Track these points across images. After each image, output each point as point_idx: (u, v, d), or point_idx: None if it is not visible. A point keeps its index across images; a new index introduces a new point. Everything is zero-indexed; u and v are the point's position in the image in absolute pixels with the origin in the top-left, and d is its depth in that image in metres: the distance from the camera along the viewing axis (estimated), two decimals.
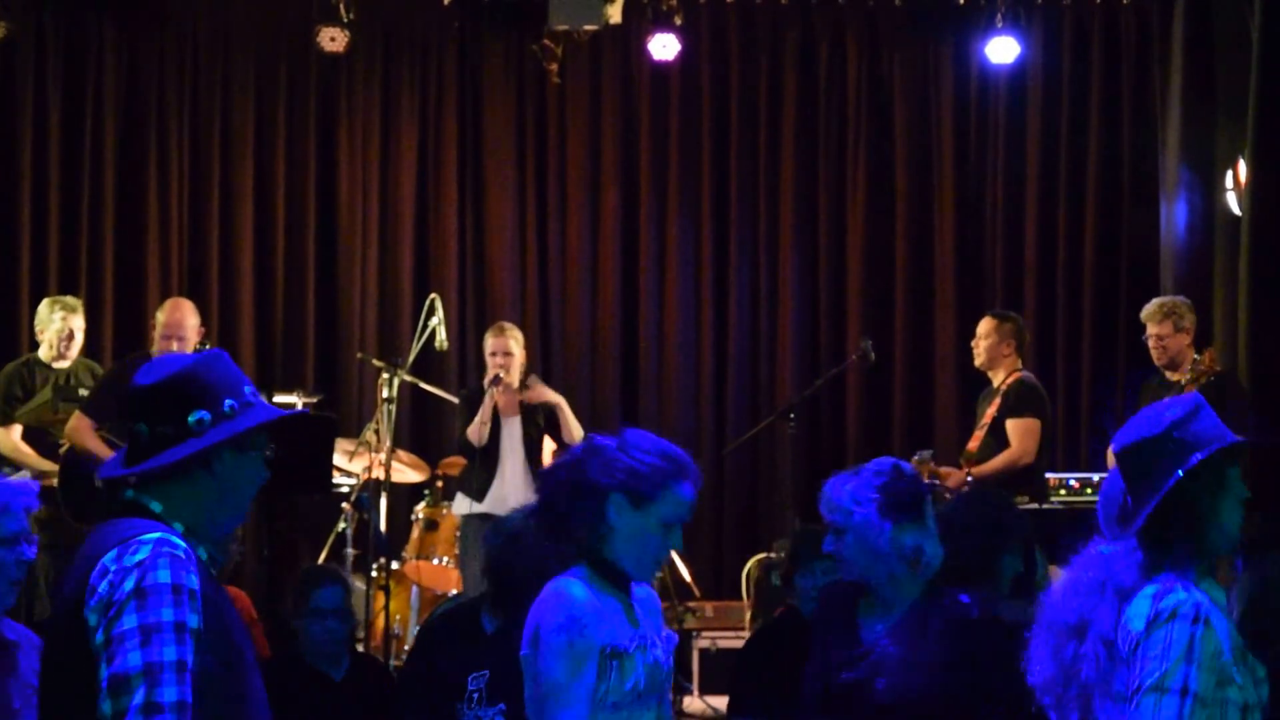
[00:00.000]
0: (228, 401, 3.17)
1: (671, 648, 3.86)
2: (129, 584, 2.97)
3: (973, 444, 8.51)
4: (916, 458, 8.60)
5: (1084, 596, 3.48)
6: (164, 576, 2.98)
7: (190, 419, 3.13)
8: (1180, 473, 3.39)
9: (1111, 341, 10.60)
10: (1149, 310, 8.36)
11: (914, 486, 4.32)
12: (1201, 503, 3.42)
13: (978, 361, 8.75)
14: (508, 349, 8.89)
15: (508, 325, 9.15)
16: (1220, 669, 3.32)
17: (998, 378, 8.61)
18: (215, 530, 3.22)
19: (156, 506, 3.13)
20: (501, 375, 8.80)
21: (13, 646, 4.20)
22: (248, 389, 3.21)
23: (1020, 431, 8.38)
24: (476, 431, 8.76)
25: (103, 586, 2.99)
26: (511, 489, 8.74)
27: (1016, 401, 8.44)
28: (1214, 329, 9.16)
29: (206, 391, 3.16)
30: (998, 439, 8.40)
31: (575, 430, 8.86)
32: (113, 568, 2.99)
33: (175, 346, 8.27)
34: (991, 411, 8.47)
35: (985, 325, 8.74)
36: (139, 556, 2.99)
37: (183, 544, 3.06)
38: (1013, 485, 8.07)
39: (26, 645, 4.20)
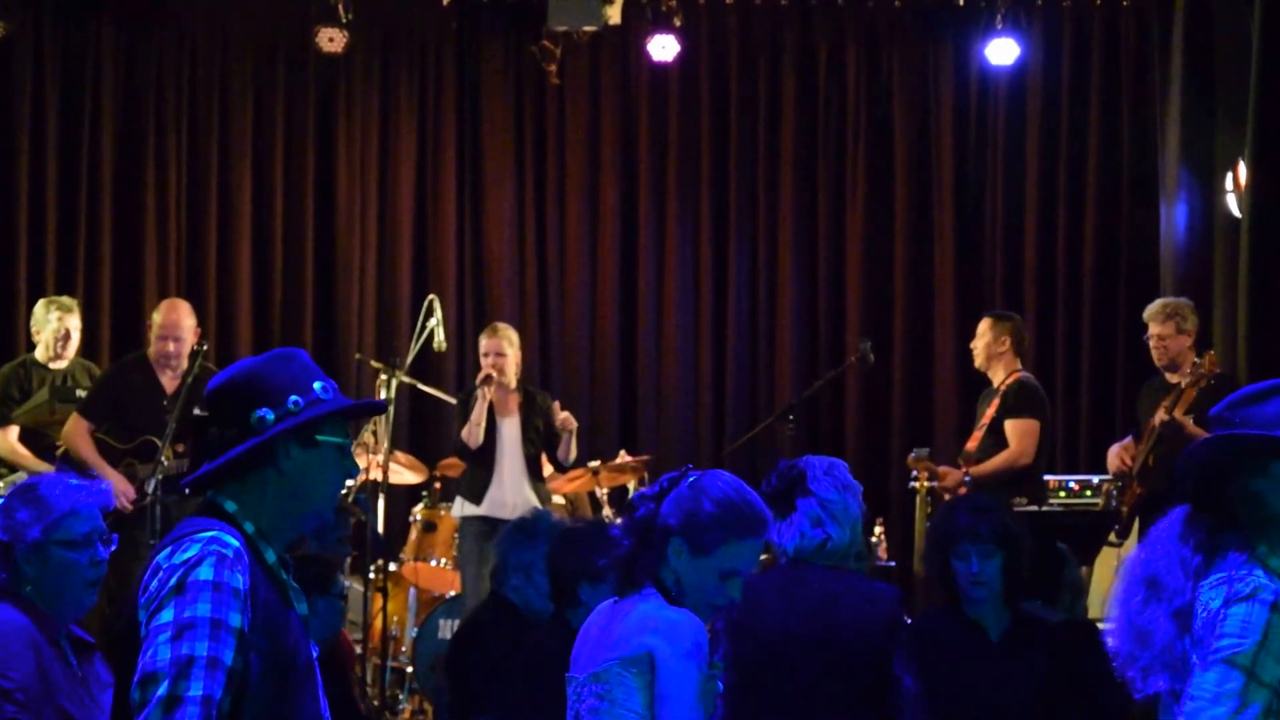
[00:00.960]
0: (292, 398, 3.15)
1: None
2: (173, 580, 2.96)
3: (971, 444, 8.51)
4: (913, 455, 8.61)
5: (1160, 558, 3.46)
6: (206, 574, 2.96)
7: (252, 417, 3.12)
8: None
9: (1111, 343, 10.59)
10: (1152, 310, 8.36)
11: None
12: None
13: (977, 362, 8.74)
14: (500, 349, 8.85)
15: (501, 326, 9.12)
16: None
17: (997, 378, 8.61)
18: (293, 528, 3.20)
19: (231, 507, 3.12)
20: (493, 375, 8.77)
21: (91, 649, 4.23)
22: (319, 385, 3.19)
23: (1019, 432, 8.37)
24: (471, 433, 8.72)
25: (153, 585, 3.00)
26: (509, 490, 8.72)
27: (1016, 402, 8.43)
28: (1213, 331, 9.14)
29: (271, 389, 3.15)
30: (996, 439, 8.39)
31: (572, 453, 8.90)
32: (164, 565, 3.00)
33: (172, 347, 8.28)
34: (991, 412, 8.47)
35: (983, 326, 8.74)
36: (187, 554, 2.98)
37: (235, 543, 3.03)
38: (1010, 486, 8.07)
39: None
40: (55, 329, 8.70)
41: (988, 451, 8.37)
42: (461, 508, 8.83)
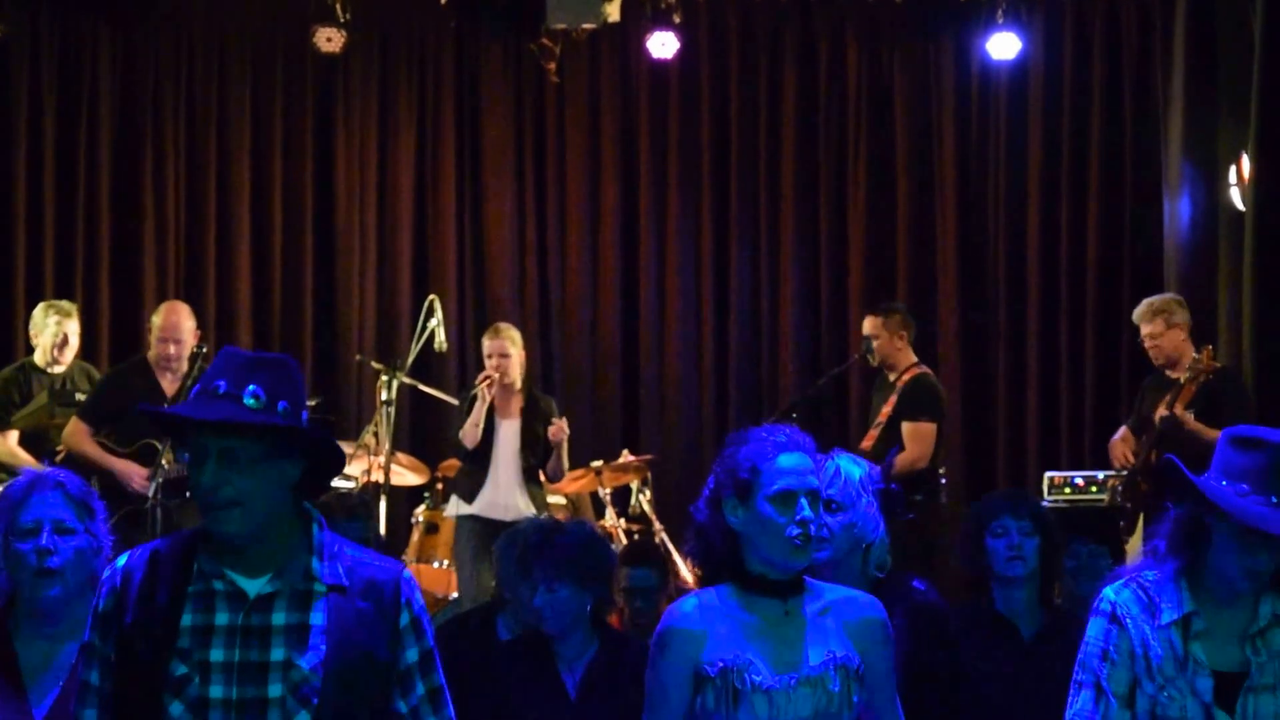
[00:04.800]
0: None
1: (832, 668, 3.52)
2: None
3: (867, 442, 8.56)
4: None
5: None
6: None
7: None
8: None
9: (1115, 339, 10.53)
10: (1139, 311, 8.35)
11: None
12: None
13: (875, 362, 8.79)
14: (504, 350, 8.81)
15: (504, 326, 9.08)
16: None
17: (894, 374, 8.65)
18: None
19: None
20: (494, 376, 8.73)
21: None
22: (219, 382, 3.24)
23: (916, 436, 8.47)
24: (468, 433, 8.68)
25: None
26: (503, 491, 8.69)
27: (913, 403, 8.51)
28: (1218, 325, 9.11)
29: None
30: (893, 437, 8.39)
31: (564, 468, 8.86)
32: None
33: (172, 350, 8.24)
34: (887, 410, 8.54)
35: (871, 324, 8.87)
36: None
37: (124, 560, 3.27)
38: (909, 485, 8.04)
39: None
40: (53, 334, 8.67)
41: (885, 450, 8.35)
42: (456, 507, 8.79)
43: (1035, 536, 4.90)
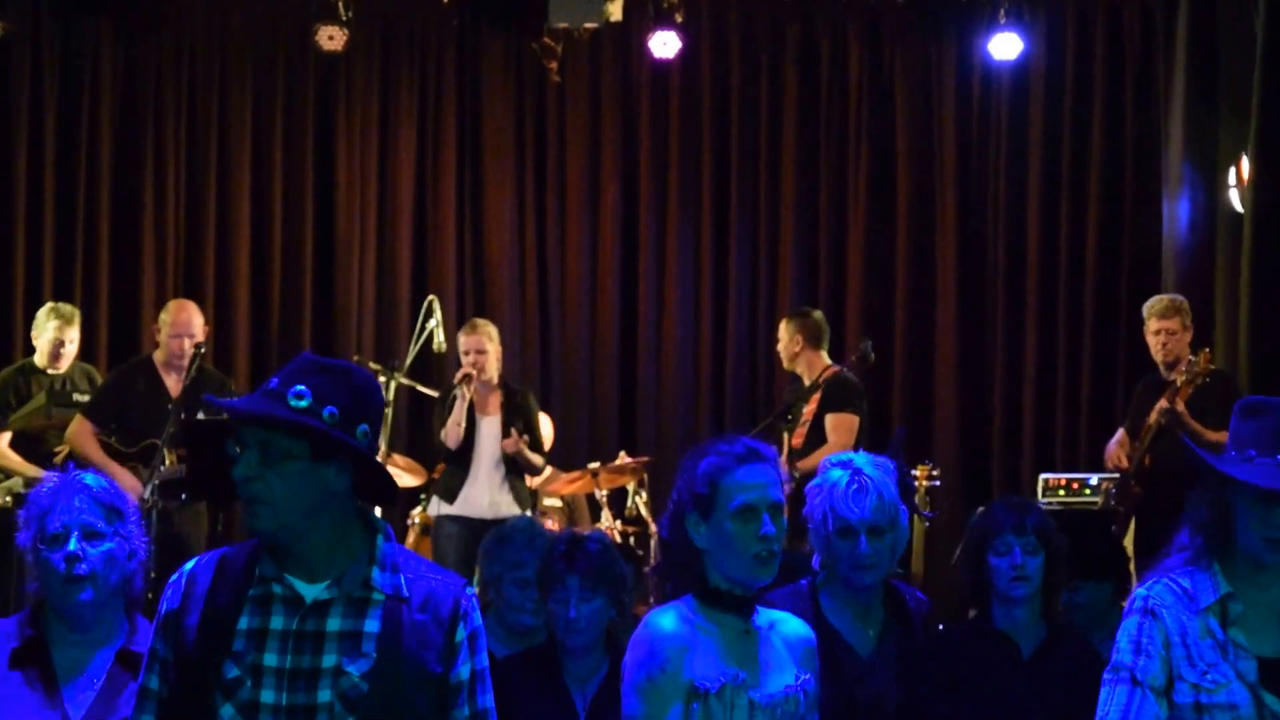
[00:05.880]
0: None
1: (802, 692, 3.53)
2: None
3: (796, 440, 8.53)
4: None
5: None
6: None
7: None
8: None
9: (1113, 340, 10.51)
10: (1160, 305, 8.31)
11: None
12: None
13: (787, 367, 8.85)
14: (481, 346, 8.80)
15: (480, 322, 9.06)
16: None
17: (809, 375, 8.69)
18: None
19: None
20: (473, 374, 8.71)
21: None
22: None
23: (839, 426, 8.48)
24: (451, 433, 8.67)
25: None
26: (484, 490, 8.67)
27: (836, 397, 8.55)
28: (1216, 326, 9.10)
29: None
30: (820, 435, 8.42)
31: (536, 465, 8.84)
32: None
33: (187, 345, 8.19)
34: (812, 408, 8.56)
35: (785, 329, 8.91)
36: None
37: (191, 564, 3.25)
38: None
39: None
40: (51, 339, 8.68)
41: (813, 448, 8.36)
42: (437, 507, 8.78)
43: (1039, 554, 4.66)
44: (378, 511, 3.88)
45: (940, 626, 5.05)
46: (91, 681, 3.79)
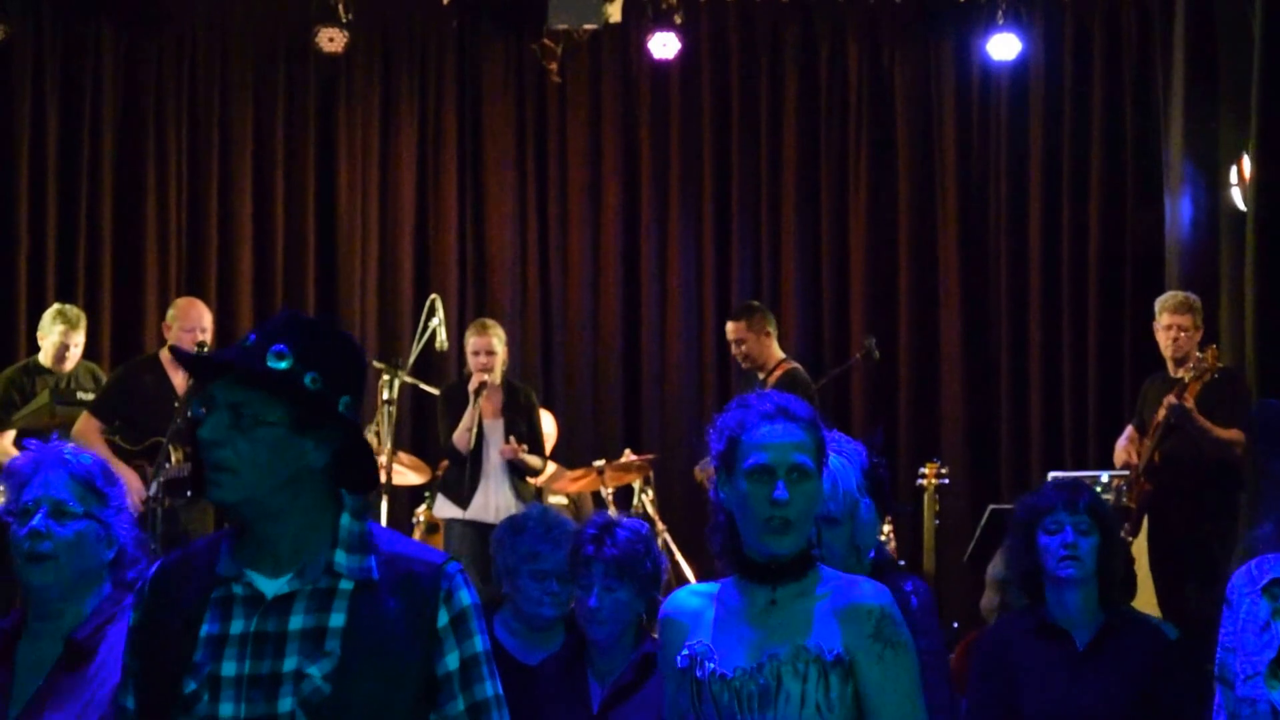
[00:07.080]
0: None
1: (797, 660, 3.13)
2: None
3: None
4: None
5: None
6: None
7: None
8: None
9: (1117, 338, 10.54)
10: (1174, 300, 8.32)
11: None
12: None
13: (745, 365, 8.81)
14: (491, 347, 8.80)
15: (489, 322, 9.07)
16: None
17: (765, 372, 8.74)
18: None
19: None
20: (487, 380, 8.71)
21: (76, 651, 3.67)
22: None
23: None
24: (462, 438, 8.67)
25: None
26: (496, 494, 8.69)
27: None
28: (1220, 325, 9.11)
29: None
30: None
31: (536, 466, 8.85)
32: None
33: (199, 338, 8.18)
34: None
35: (734, 329, 8.92)
36: None
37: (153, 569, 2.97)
38: None
39: None
40: (57, 342, 8.68)
41: None
42: (446, 509, 8.78)
43: (1093, 535, 4.38)
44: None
45: (954, 625, 5.00)
46: (38, 674, 3.46)
